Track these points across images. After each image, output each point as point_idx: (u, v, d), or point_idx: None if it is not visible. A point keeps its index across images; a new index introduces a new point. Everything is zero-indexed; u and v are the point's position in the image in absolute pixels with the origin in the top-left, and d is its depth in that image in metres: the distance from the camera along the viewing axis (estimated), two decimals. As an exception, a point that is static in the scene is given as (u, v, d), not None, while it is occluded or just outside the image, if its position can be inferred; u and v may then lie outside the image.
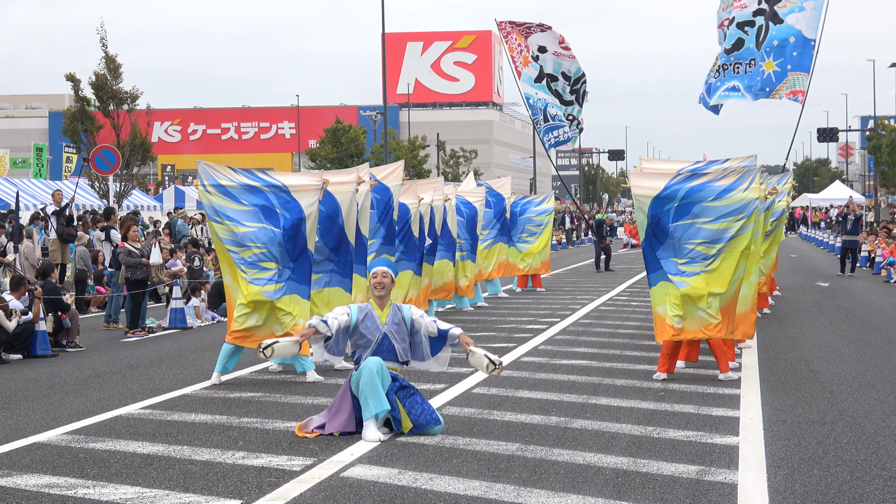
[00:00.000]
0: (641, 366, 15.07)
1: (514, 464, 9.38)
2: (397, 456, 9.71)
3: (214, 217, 14.15)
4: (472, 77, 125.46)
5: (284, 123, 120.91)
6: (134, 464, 9.59)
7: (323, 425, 10.62)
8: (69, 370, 15.88)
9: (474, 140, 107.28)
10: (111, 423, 11.60)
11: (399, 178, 18.27)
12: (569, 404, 12.17)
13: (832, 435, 10.49)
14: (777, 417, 11.33)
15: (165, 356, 17.30)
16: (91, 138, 39.65)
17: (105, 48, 39.57)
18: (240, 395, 13.14)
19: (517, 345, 17.57)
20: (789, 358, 15.92)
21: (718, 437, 10.37)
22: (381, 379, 10.47)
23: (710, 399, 12.50)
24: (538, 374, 14.48)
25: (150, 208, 48.10)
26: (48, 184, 44.39)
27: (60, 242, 27.31)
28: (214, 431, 10.96)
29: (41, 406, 12.77)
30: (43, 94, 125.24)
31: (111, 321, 21.59)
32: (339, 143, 71.11)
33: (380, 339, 10.81)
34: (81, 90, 40.08)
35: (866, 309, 23.68)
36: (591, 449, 9.90)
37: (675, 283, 13.93)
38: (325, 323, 10.79)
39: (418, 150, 78.74)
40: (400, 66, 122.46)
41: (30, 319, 17.39)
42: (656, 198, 14.00)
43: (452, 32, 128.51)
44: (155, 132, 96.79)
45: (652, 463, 9.35)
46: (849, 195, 63.65)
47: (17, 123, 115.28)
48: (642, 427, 10.86)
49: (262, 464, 9.48)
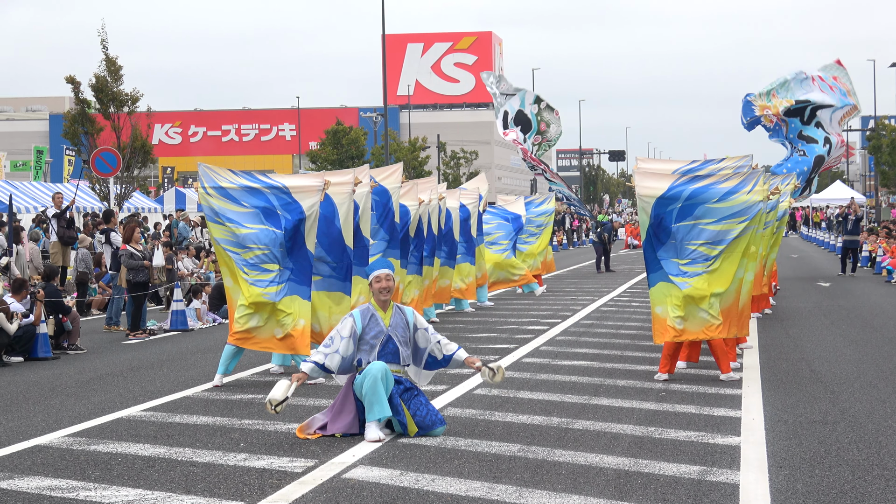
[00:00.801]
0: (643, 366, 15.07)
1: (516, 465, 9.37)
2: (399, 457, 9.71)
3: (215, 219, 14.14)
4: (472, 78, 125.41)
5: (285, 125, 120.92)
6: (136, 466, 9.59)
7: (325, 426, 10.61)
8: (70, 372, 15.89)
9: (475, 141, 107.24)
10: (113, 425, 11.60)
11: (398, 181, 18.28)
12: (570, 405, 12.17)
13: (834, 435, 10.49)
14: (778, 417, 11.33)
15: (167, 358, 17.30)
16: (91, 141, 39.62)
17: (106, 50, 39.56)
18: (241, 397, 13.15)
19: (518, 346, 17.57)
20: (791, 358, 15.91)
21: (720, 438, 10.37)
22: (385, 383, 10.46)
23: (712, 399, 12.50)
24: (539, 374, 14.48)
25: (151, 210, 48.11)
26: (48, 186, 44.39)
27: (61, 245, 27.33)
28: (216, 433, 10.96)
29: (43, 408, 12.77)
30: (43, 97, 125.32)
31: (112, 323, 21.59)
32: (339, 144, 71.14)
33: (384, 341, 10.79)
34: (82, 92, 40.05)
35: (867, 309, 23.68)
36: (593, 450, 9.89)
37: (677, 284, 13.92)
38: (319, 367, 10.69)
39: (419, 151, 78.75)
40: (400, 68, 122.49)
41: (31, 322, 17.39)
42: (660, 198, 14.01)
43: (453, 34, 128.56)
44: (155, 134, 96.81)
45: (653, 463, 9.34)
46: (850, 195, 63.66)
47: (17, 126, 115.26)
48: (644, 427, 10.86)
49: (264, 465, 9.48)
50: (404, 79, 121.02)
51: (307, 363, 10.76)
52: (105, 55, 39.64)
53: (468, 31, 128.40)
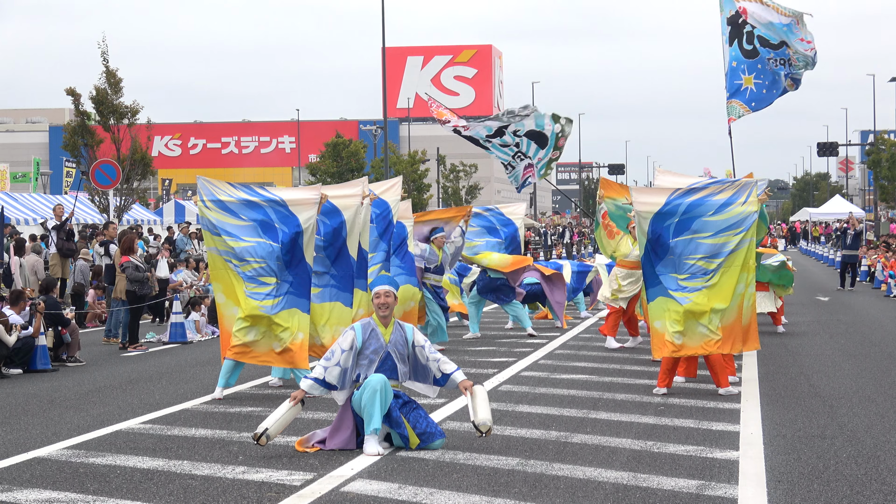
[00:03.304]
0: (641, 380, 15.08)
1: (515, 478, 9.38)
2: (397, 470, 9.71)
3: (214, 232, 14.17)
4: (472, 91, 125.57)
5: (285, 138, 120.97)
6: (134, 478, 9.60)
7: (324, 440, 10.62)
8: (69, 385, 15.89)
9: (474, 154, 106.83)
10: (111, 437, 11.61)
11: (398, 194, 18.26)
12: (569, 419, 12.17)
13: (832, 449, 10.49)
14: (777, 432, 11.34)
15: (165, 371, 17.30)
16: (91, 152, 39.63)
17: (106, 62, 39.60)
18: (240, 410, 13.15)
19: (517, 359, 17.57)
20: (789, 372, 15.92)
21: (718, 452, 10.38)
22: (384, 395, 10.47)
23: (710, 413, 12.50)
24: (538, 388, 14.48)
25: (151, 222, 48.14)
26: (48, 198, 44.40)
27: (60, 257, 27.31)
28: (215, 446, 10.96)
29: (41, 421, 12.77)
30: (43, 109, 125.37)
31: (111, 336, 21.58)
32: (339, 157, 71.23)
33: (383, 357, 10.79)
34: (82, 104, 40.07)
35: (866, 323, 23.68)
36: (591, 463, 9.90)
37: (677, 300, 13.93)
38: (319, 383, 10.70)
39: (418, 164, 78.81)
40: (400, 81, 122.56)
41: (30, 334, 17.39)
42: (657, 214, 14.04)
43: (452, 47, 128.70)
44: (155, 146, 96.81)
45: (652, 477, 9.35)
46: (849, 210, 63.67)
47: (17, 138, 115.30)
48: (642, 441, 10.86)
49: (263, 478, 9.48)
50: (404, 92, 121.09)
51: (307, 380, 10.77)
52: (105, 67, 39.68)
53: (468, 45, 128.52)
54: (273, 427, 10.44)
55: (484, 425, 10.47)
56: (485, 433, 10.50)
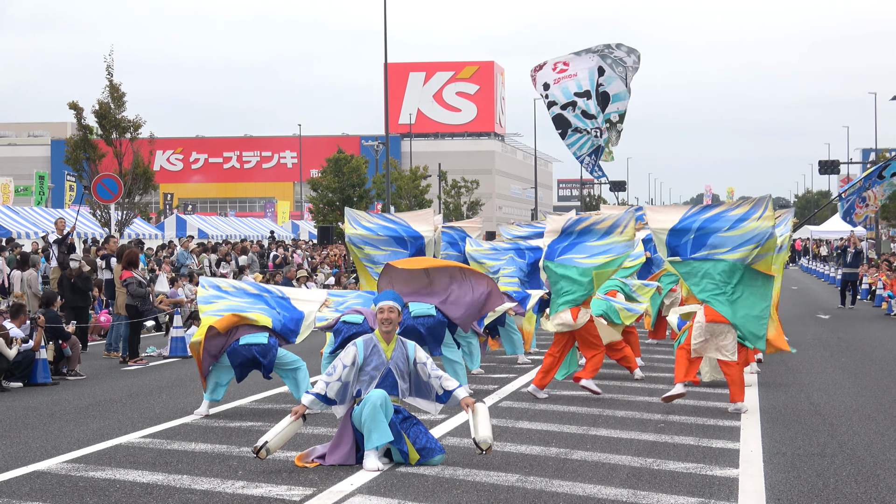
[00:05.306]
0: (641, 397, 15.07)
1: (514, 495, 9.37)
2: (397, 486, 9.71)
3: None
4: (474, 107, 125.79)
5: (286, 153, 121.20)
6: (134, 493, 9.59)
7: (324, 456, 10.62)
8: (69, 398, 15.89)
9: (476, 170, 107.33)
10: (111, 451, 11.61)
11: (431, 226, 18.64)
12: (569, 435, 12.17)
13: (832, 468, 10.49)
14: (777, 450, 11.33)
15: (166, 385, 17.30)
16: (93, 166, 39.68)
17: (110, 76, 39.69)
18: (240, 425, 13.15)
19: (517, 375, 17.56)
20: (789, 390, 15.92)
21: (718, 469, 10.37)
22: (385, 410, 10.47)
23: (710, 431, 12.50)
24: (538, 404, 14.48)
25: (152, 237, 48.18)
26: (50, 212, 44.44)
27: (61, 271, 27.31)
28: (214, 460, 10.96)
29: (41, 434, 12.77)
30: (46, 122, 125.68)
31: (112, 349, 21.59)
32: (340, 172, 71.16)
33: (384, 374, 10.79)
34: (84, 118, 40.15)
35: (867, 341, 23.68)
36: (591, 480, 9.89)
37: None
38: (320, 398, 10.68)
39: (420, 180, 78.86)
40: (402, 96, 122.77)
41: (30, 347, 17.40)
42: (672, 230, 14.20)
43: (455, 63, 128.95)
44: (157, 160, 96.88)
45: (652, 495, 9.34)
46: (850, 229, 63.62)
47: (19, 151, 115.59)
48: (642, 459, 10.86)
49: (262, 493, 9.47)
50: (406, 107, 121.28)
51: (308, 395, 10.76)
52: (109, 81, 39.76)
53: (470, 61, 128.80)
54: (273, 441, 10.45)
55: (485, 443, 10.47)
56: (485, 451, 10.50)
